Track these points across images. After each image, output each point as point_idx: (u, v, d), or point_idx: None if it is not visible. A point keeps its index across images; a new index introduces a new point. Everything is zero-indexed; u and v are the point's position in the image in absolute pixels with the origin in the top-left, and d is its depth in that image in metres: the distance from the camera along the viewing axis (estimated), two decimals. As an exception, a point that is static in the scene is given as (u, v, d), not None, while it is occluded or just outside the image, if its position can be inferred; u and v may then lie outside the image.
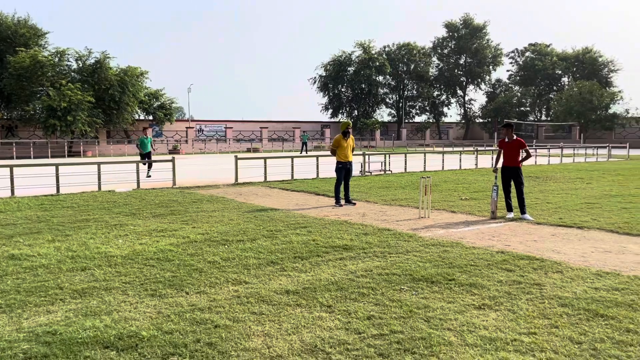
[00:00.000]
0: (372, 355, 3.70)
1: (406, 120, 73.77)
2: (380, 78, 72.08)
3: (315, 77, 71.89)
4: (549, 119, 71.29)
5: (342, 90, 71.59)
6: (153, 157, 21.37)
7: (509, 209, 9.88)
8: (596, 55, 70.94)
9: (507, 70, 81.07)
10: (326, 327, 4.25)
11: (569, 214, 9.90)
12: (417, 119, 76.85)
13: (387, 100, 75.85)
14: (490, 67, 76.28)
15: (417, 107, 76.42)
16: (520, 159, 9.99)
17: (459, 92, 77.60)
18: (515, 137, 10.01)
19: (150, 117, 53.88)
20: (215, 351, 3.78)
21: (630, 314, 4.44)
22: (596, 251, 6.91)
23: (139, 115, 53.20)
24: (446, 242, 7.41)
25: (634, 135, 59.33)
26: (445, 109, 77.79)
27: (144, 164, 18.92)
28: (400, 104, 74.36)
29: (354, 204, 11.68)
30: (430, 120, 76.24)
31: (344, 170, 11.71)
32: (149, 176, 18.80)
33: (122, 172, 18.63)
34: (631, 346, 3.81)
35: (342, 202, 11.66)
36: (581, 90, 58.11)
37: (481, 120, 74.08)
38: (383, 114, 75.67)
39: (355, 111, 71.52)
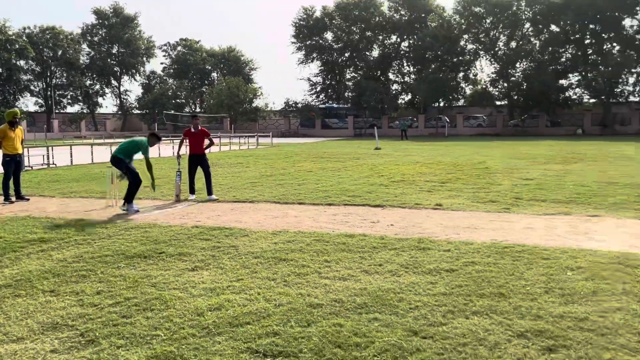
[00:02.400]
0: (116, 318, 4.15)
1: (57, 111, 67.78)
2: (22, 63, 64.31)
3: None
4: (203, 110, 76.21)
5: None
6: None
7: (192, 191, 10.93)
8: (239, 54, 79.13)
9: (162, 63, 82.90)
10: (59, 307, 4.42)
11: (240, 192, 11.59)
12: (70, 109, 71.69)
13: (32, 87, 68.29)
14: (144, 58, 76.76)
15: (68, 97, 71.23)
16: (204, 146, 11.11)
17: (114, 82, 75.64)
18: (200, 127, 11.08)
19: None
20: (-55, 349, 3.59)
21: (302, 256, 5.98)
22: (267, 218, 8.57)
23: None
24: (144, 224, 7.95)
25: (273, 126, 69.00)
26: (100, 100, 74.89)
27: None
28: (49, 93, 67.88)
29: (28, 199, 10.87)
30: (85, 111, 72.08)
31: (13, 163, 10.75)
32: (137, 210, 9.41)
33: None
34: (306, 275, 5.27)
35: (13, 198, 10.71)
36: (229, 86, 64.18)
37: (139, 112, 73.91)
38: (28, 103, 68.01)
39: (-7, 99, 62.03)
